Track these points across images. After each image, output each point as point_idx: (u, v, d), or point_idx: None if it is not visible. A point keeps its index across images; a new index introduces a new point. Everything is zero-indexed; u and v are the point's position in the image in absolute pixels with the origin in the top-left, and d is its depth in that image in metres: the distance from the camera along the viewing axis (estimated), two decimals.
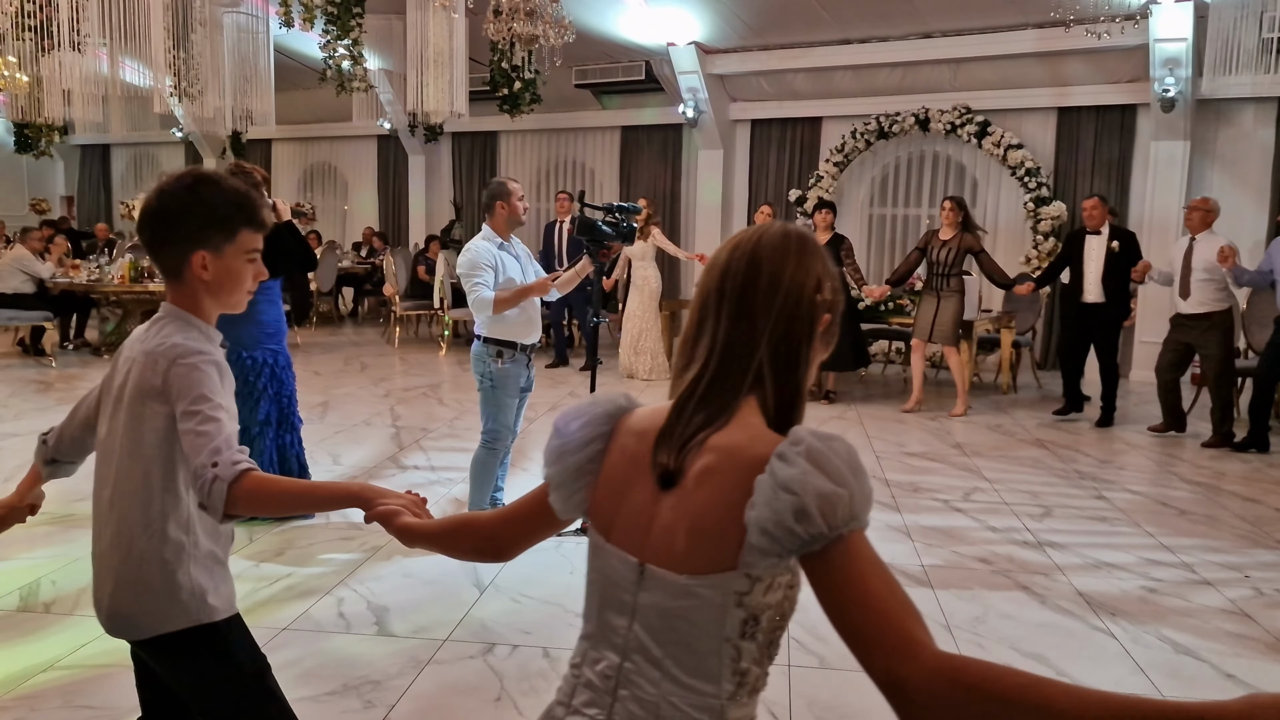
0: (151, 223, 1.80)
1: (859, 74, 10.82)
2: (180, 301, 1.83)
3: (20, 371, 8.99)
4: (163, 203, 1.79)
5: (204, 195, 1.78)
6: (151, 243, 1.82)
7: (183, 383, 1.70)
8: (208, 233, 1.78)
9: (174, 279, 1.82)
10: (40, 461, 2.09)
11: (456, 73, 9.40)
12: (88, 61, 10.79)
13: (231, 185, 1.82)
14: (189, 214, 1.78)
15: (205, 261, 1.79)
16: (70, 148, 18.58)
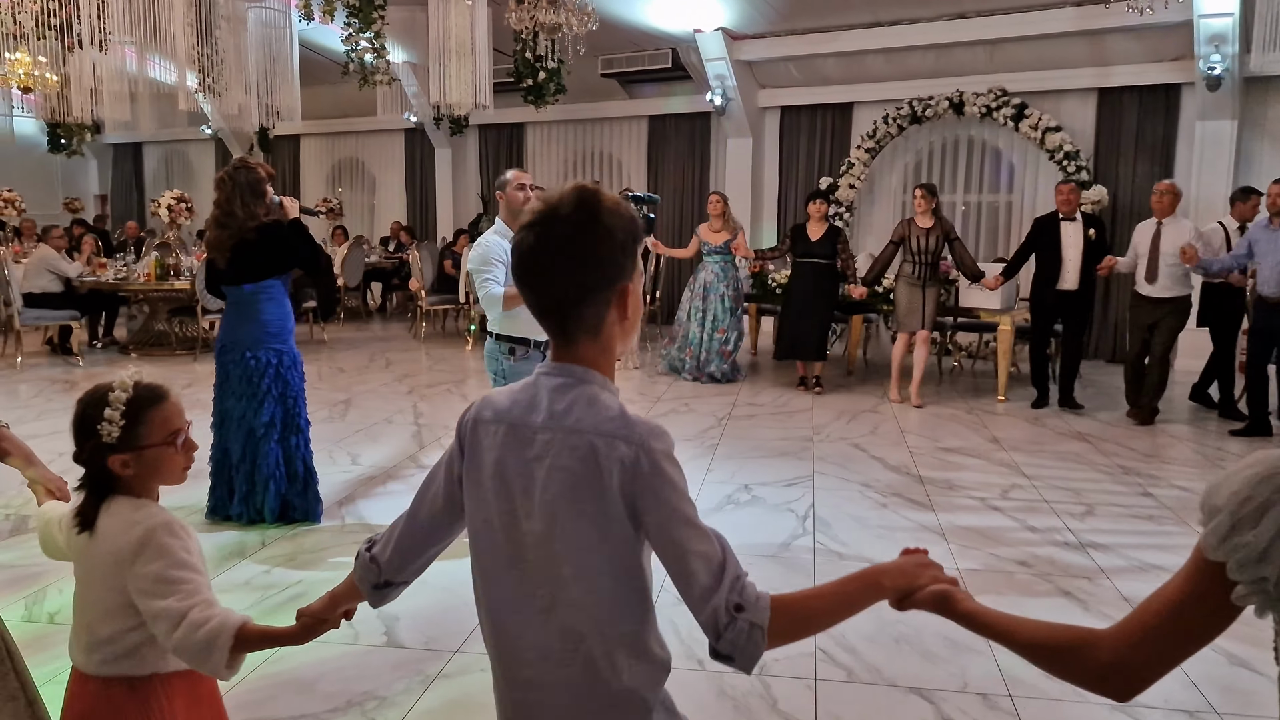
0: (580, 262, 1.37)
1: (891, 57, 10.54)
2: (591, 359, 1.44)
3: (47, 371, 8.98)
4: (582, 238, 1.36)
5: (613, 220, 1.40)
6: (579, 289, 1.38)
7: (661, 481, 1.34)
8: (627, 260, 1.42)
9: (594, 333, 1.42)
10: (368, 587, 1.63)
11: (480, 64, 9.25)
12: (113, 59, 10.78)
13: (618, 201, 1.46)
14: (611, 246, 1.39)
15: (629, 295, 1.44)
16: (103, 146, 18.71)
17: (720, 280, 8.60)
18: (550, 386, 1.42)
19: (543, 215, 1.38)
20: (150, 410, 1.82)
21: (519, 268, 1.40)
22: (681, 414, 7.39)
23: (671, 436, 1.38)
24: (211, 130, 16.52)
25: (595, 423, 1.36)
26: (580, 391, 1.40)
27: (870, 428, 7.01)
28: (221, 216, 4.47)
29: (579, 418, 1.37)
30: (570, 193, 1.39)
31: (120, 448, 1.78)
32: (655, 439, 1.35)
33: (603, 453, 1.34)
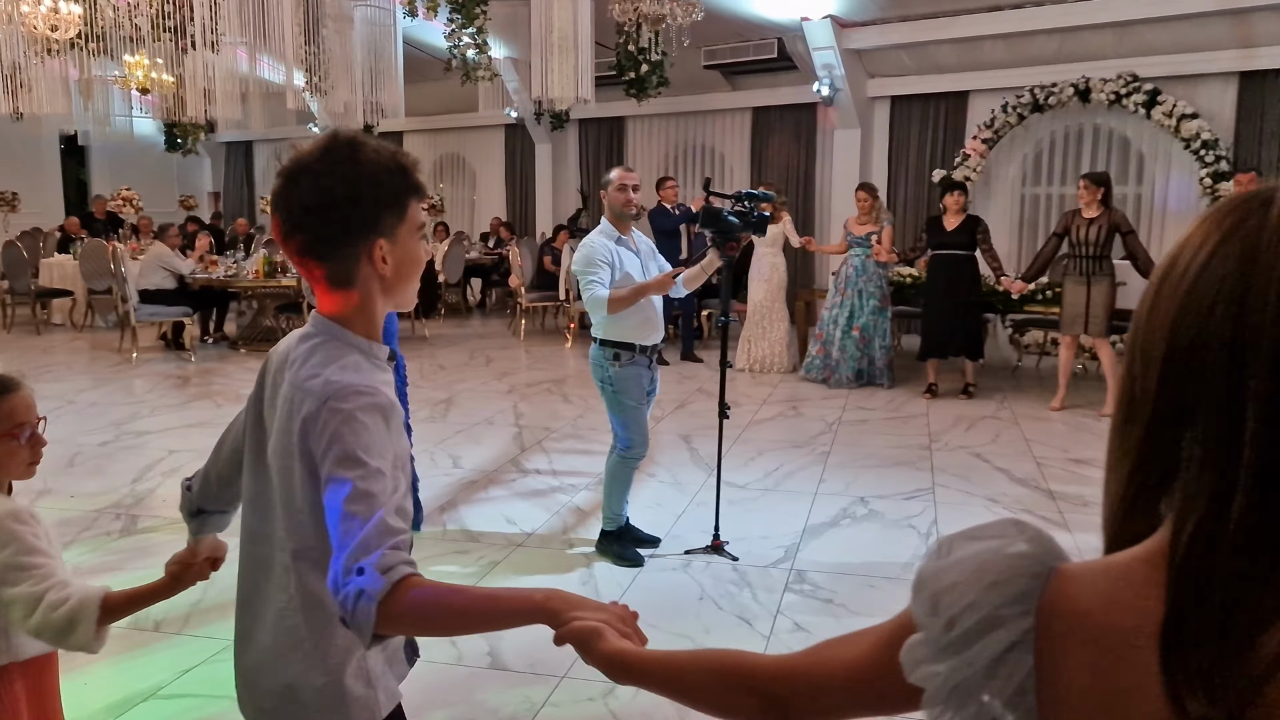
0: (312, 217, 1.38)
1: (1010, 43, 10.02)
2: (340, 311, 1.44)
3: (161, 366, 9.17)
4: (321, 186, 1.36)
5: (365, 164, 1.38)
6: (314, 243, 1.39)
7: (330, 436, 1.31)
8: (381, 213, 1.40)
9: (342, 286, 1.42)
10: (185, 514, 1.74)
11: (582, 58, 9.11)
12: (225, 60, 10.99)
13: (382, 145, 1.44)
14: (357, 194, 1.37)
15: (384, 252, 1.41)
16: (216, 145, 19.24)
17: (860, 274, 8.17)
18: (298, 338, 1.47)
19: (296, 163, 1.40)
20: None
21: (271, 216, 1.45)
22: (789, 418, 7.12)
23: (371, 399, 1.34)
24: (318, 128, 16.80)
25: (305, 377, 1.37)
26: (312, 344, 1.42)
27: (991, 436, 6.62)
28: None
29: (299, 370, 1.39)
30: (330, 139, 1.41)
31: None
32: (338, 398, 1.32)
33: (296, 407, 1.35)
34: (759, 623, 3.72)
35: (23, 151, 16.16)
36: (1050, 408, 7.38)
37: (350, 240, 1.39)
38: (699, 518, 4.88)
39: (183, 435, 6.51)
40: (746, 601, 3.92)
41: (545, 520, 4.85)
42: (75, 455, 5.96)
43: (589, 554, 4.38)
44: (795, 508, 5.05)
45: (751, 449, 6.16)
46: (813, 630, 3.64)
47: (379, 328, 1.47)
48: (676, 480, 5.51)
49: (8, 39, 9.27)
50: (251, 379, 1.58)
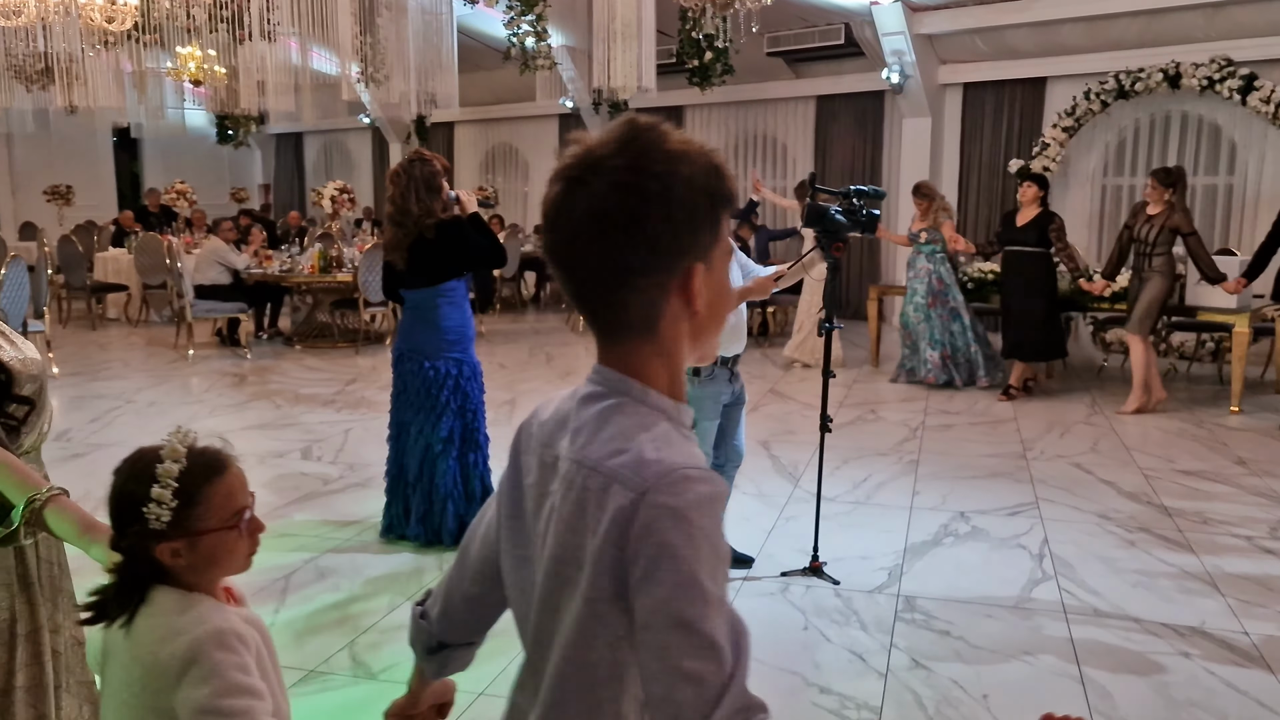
0: (610, 235, 0.99)
1: (1092, 26, 9.55)
2: (638, 365, 1.06)
3: (217, 363, 9.03)
4: (622, 191, 0.98)
5: (678, 161, 1.00)
6: (606, 270, 1.01)
7: (657, 553, 0.94)
8: (699, 230, 1.03)
9: (641, 329, 1.05)
10: (420, 649, 1.34)
11: (645, 45, 8.81)
12: (279, 51, 10.84)
13: (688, 137, 1.04)
14: (671, 203, 0.99)
15: (700, 281, 1.04)
16: (266, 137, 19.22)
17: (910, 271, 7.97)
18: (578, 397, 1.09)
19: (578, 162, 1.01)
20: (208, 486, 1.42)
21: (545, 233, 1.06)
22: (869, 422, 6.79)
23: (707, 487, 0.97)
24: (369, 119, 16.67)
25: (601, 455, 1.00)
26: (602, 406, 1.05)
27: (1089, 444, 6.24)
28: (397, 214, 4.13)
29: (587, 443, 1.03)
30: (614, 129, 1.02)
31: (171, 534, 1.39)
32: (668, 488, 0.95)
33: (594, 498, 0.98)
34: (873, 658, 3.41)
35: (76, 145, 16.21)
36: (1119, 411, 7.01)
37: (657, 266, 1.01)
38: (791, 534, 4.58)
39: (243, 437, 6.32)
40: (855, 633, 3.62)
41: None
42: None
43: None
44: (892, 524, 4.73)
45: (835, 457, 5.83)
46: (933, 668, 3.33)
47: (684, 385, 1.11)
48: (761, 492, 5.21)
49: (65, 31, 9.15)
50: (309, 377, 1.29)
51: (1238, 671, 3.31)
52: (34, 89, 12.28)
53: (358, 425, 6.61)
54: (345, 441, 6.23)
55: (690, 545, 0.93)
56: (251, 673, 1.39)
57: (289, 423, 6.72)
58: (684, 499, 0.95)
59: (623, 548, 0.95)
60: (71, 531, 1.69)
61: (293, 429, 6.55)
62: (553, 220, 1.03)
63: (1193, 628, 3.62)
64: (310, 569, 4.18)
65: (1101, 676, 3.27)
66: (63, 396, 7.56)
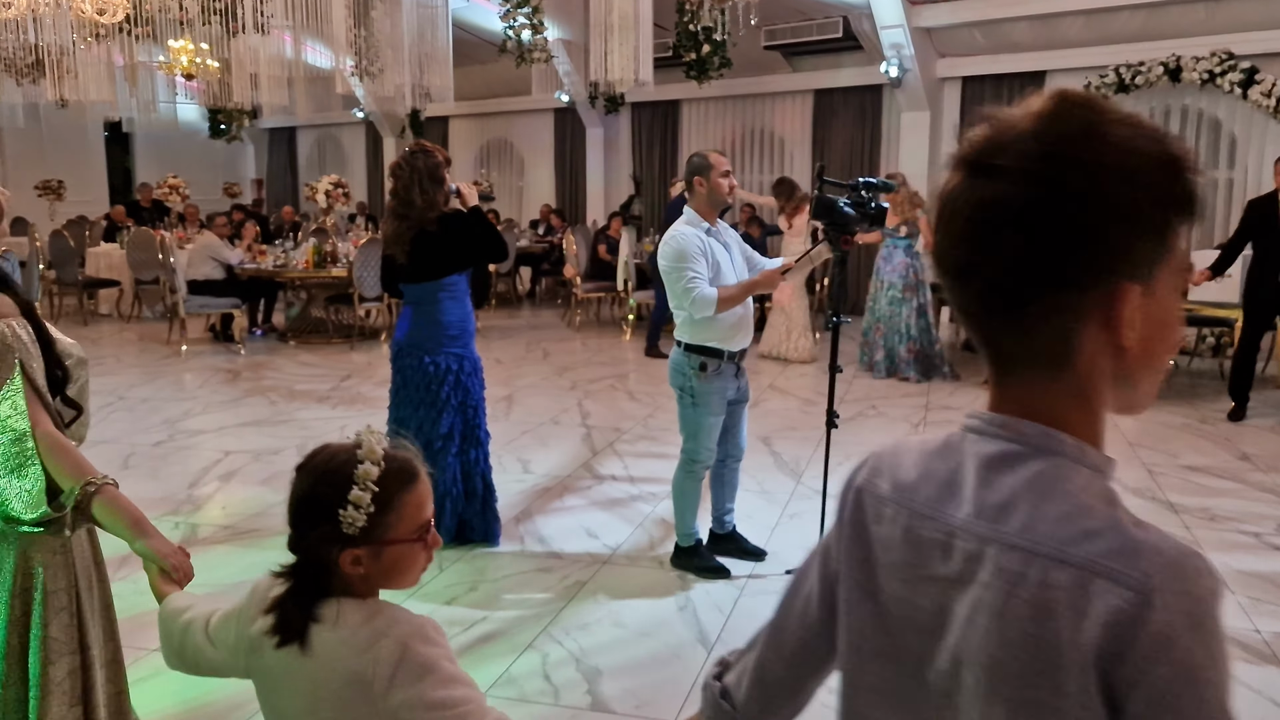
0: (1003, 241, 0.79)
1: (1092, 19, 9.51)
2: (1051, 412, 0.83)
3: (210, 359, 8.94)
4: (1033, 192, 0.77)
5: (1116, 150, 0.77)
6: (1001, 285, 0.80)
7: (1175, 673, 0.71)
8: (1134, 240, 0.78)
9: (1051, 369, 0.82)
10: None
11: (642, 38, 8.74)
12: (273, 44, 10.75)
13: (1140, 120, 0.81)
14: (1100, 203, 0.76)
15: (1131, 308, 0.79)
16: (259, 131, 19.09)
17: (885, 263, 7.97)
18: (981, 456, 0.84)
19: (985, 146, 0.80)
20: (403, 494, 1.35)
21: (935, 234, 0.85)
22: (870, 418, 6.73)
23: (1216, 581, 0.73)
24: (363, 113, 16.56)
25: (1061, 538, 0.76)
26: (1033, 471, 0.80)
27: None
28: (399, 206, 4.05)
29: (1030, 523, 0.78)
30: (1038, 109, 0.80)
31: (359, 540, 1.32)
32: (1180, 581, 0.71)
33: (1068, 598, 0.73)
34: None
35: (67, 139, 16.08)
36: None
37: (1071, 282, 0.78)
38: (795, 531, 4.53)
39: (237, 435, 6.24)
40: None
41: (629, 534, 4.51)
42: (130, 456, 5.71)
43: (685, 576, 4.03)
44: None
45: (838, 453, 5.70)
46: None
47: (1103, 432, 0.87)
48: (763, 489, 5.15)
49: (55, 23, 9.04)
50: (305, 373, 1.24)
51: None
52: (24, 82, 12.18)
53: (354, 422, 6.53)
54: (342, 438, 6.14)
55: (1214, 666, 0.71)
56: (456, 661, 1.34)
57: (284, 419, 6.64)
58: (1202, 603, 0.72)
59: (1117, 664, 0.72)
60: (119, 525, 1.67)
61: (288, 425, 6.47)
62: (946, 217, 0.83)
63: None
64: None
65: None
66: None
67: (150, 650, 3.32)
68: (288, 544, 1.37)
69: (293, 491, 1.37)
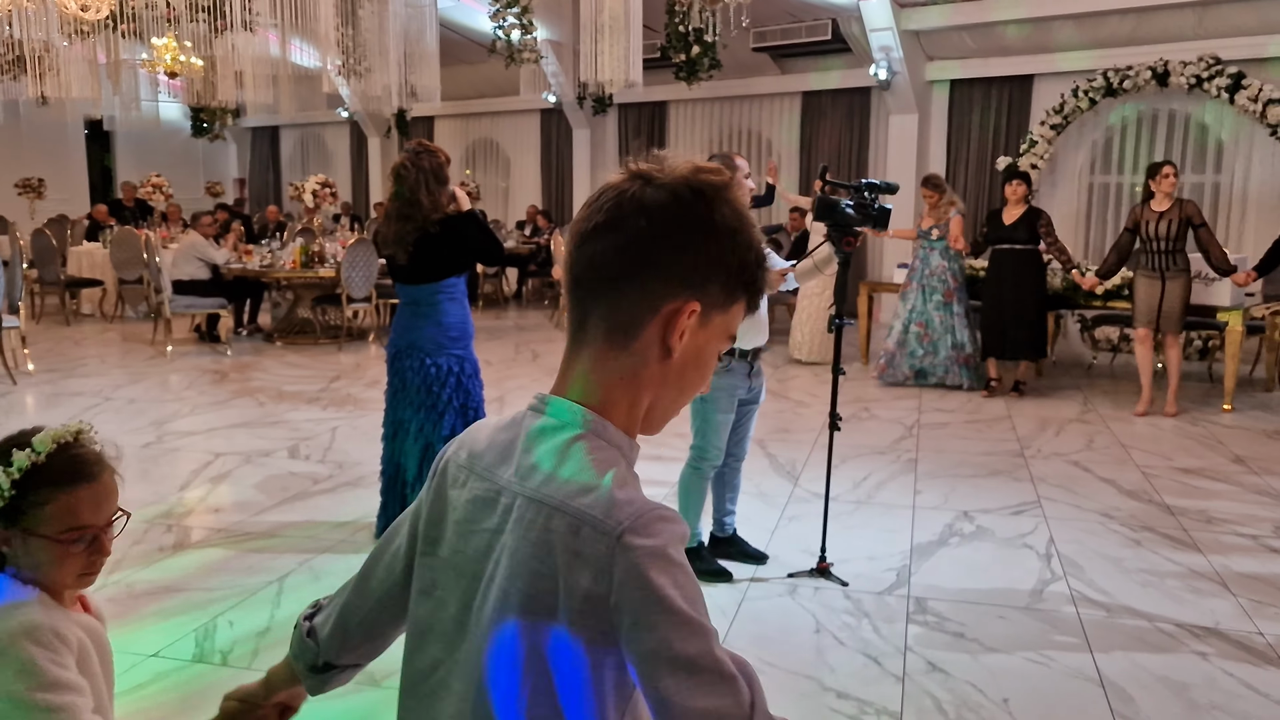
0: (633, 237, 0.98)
1: (1081, 24, 9.56)
2: (600, 383, 1.01)
3: (196, 360, 8.85)
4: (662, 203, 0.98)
5: (717, 209, 1.01)
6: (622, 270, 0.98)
7: (644, 596, 0.90)
8: (710, 274, 1.00)
9: (622, 338, 1.00)
10: (303, 666, 1.27)
11: (632, 39, 8.71)
12: (258, 43, 10.65)
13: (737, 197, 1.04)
14: (692, 231, 0.99)
15: (690, 321, 0.99)
16: (242, 130, 18.93)
17: (925, 266, 7.75)
18: (529, 429, 1.02)
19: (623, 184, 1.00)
20: (54, 490, 1.35)
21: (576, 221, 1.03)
22: (864, 420, 6.73)
23: (678, 527, 0.94)
24: (347, 113, 16.46)
25: (564, 494, 0.94)
26: (559, 440, 0.98)
27: (1084, 442, 6.21)
28: (405, 207, 4.00)
29: (546, 478, 0.96)
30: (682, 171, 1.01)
31: (4, 519, 1.34)
32: (642, 530, 0.90)
33: (562, 540, 0.92)
34: (888, 661, 3.34)
35: (48, 137, 15.89)
36: (1135, 413, 6.94)
37: (653, 279, 1.02)
38: (794, 534, 4.51)
39: (226, 436, 6.17)
40: (868, 635, 3.54)
41: None
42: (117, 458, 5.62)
43: None
44: (896, 523, 4.67)
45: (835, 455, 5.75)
46: (951, 670, 3.26)
47: (638, 422, 1.05)
48: (761, 491, 5.13)
49: (38, 19, 8.92)
50: (292, 374, 1.21)
51: (1256, 672, 3.26)
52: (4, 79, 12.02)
53: (344, 423, 6.47)
54: (333, 440, 6.10)
55: (675, 585, 0.90)
56: (70, 668, 1.33)
57: (274, 421, 6.57)
58: (662, 537, 0.91)
59: (604, 595, 0.90)
60: None
61: (278, 427, 6.41)
62: (587, 207, 1.03)
63: (1207, 628, 3.58)
64: (304, 571, 4.06)
65: (1120, 679, 3.21)
66: (38, 394, 7.37)
67: None
68: None
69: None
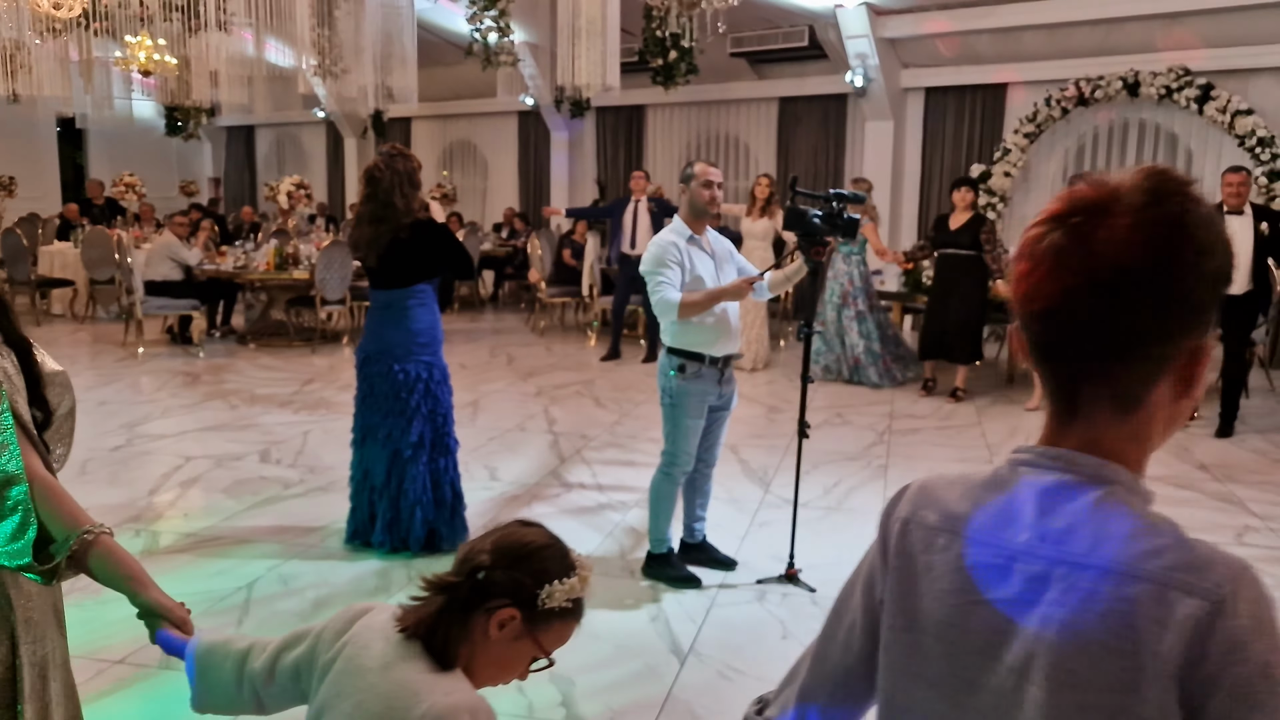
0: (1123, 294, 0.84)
1: (1053, 33, 9.66)
2: (1111, 449, 0.90)
3: (168, 361, 8.78)
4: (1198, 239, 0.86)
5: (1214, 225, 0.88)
6: (1129, 337, 0.86)
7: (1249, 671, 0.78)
8: (1213, 306, 0.89)
9: (1119, 412, 0.89)
10: None
11: (610, 43, 8.73)
12: (233, 42, 10.59)
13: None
14: (1202, 267, 0.86)
15: (1197, 363, 0.89)
16: (217, 129, 18.81)
17: (834, 277, 8.01)
18: (1038, 487, 0.90)
19: (1093, 204, 0.86)
20: (571, 620, 1.47)
21: (1027, 276, 0.88)
22: (836, 426, 6.77)
23: (1263, 588, 0.81)
24: (324, 113, 16.38)
25: (1130, 555, 0.82)
26: (1093, 497, 0.87)
27: None
28: (379, 209, 4.00)
29: (1097, 543, 0.84)
30: (1141, 176, 0.87)
31: (526, 612, 1.40)
32: (1247, 589, 0.79)
33: (1146, 610, 0.79)
34: None
35: (19, 135, 15.72)
36: (1026, 407, 7.18)
37: (1169, 339, 0.87)
38: (764, 540, 4.54)
39: (198, 439, 6.14)
40: None
41: (599, 542, 4.50)
42: (88, 461, 5.58)
43: (656, 586, 4.03)
44: (864, 529, 4.70)
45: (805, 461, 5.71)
46: None
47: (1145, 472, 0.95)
48: (732, 497, 5.16)
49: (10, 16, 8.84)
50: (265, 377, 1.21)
51: None
52: None
53: (316, 427, 6.45)
54: (305, 444, 6.08)
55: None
56: None
57: (246, 424, 6.54)
58: (1267, 607, 0.80)
59: (1197, 668, 0.78)
60: (117, 578, 1.56)
61: (250, 430, 6.38)
62: (1050, 265, 0.86)
63: None
64: (273, 577, 4.05)
65: None
66: None
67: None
68: (471, 569, 1.40)
69: (519, 536, 1.44)
